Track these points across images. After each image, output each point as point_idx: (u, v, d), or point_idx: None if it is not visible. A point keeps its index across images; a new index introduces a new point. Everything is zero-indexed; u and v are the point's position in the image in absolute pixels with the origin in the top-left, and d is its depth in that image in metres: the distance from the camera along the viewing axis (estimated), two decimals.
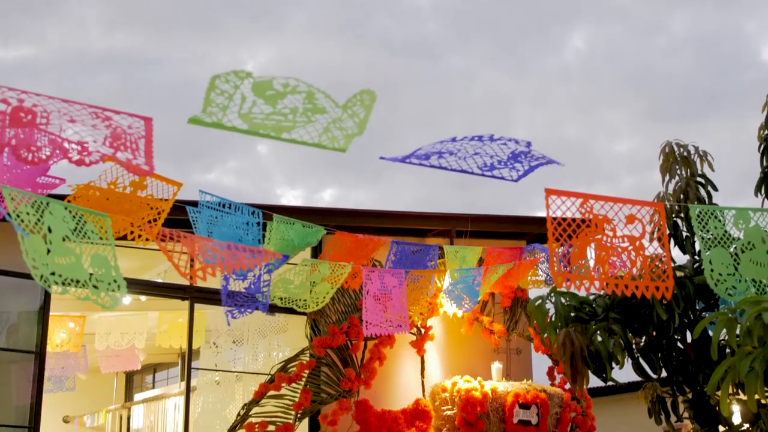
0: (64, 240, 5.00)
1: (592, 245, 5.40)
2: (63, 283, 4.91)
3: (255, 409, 8.89)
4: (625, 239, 5.45)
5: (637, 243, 5.47)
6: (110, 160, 5.13)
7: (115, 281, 5.22)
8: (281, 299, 7.52)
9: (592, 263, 5.43)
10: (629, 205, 5.55)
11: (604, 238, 5.41)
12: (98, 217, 5.24)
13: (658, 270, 5.49)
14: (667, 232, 5.80)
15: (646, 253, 5.51)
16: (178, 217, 6.87)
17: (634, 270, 5.48)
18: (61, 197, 6.15)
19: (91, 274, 5.12)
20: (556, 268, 5.41)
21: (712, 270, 5.47)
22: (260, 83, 4.81)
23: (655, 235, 5.60)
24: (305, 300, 7.57)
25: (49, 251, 4.90)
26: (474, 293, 8.71)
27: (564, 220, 5.36)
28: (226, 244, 6.45)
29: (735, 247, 5.59)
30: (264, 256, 6.69)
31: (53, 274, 4.88)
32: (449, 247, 9.21)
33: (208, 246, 6.26)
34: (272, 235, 7.46)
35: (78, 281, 4.99)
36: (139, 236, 6.34)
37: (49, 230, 4.92)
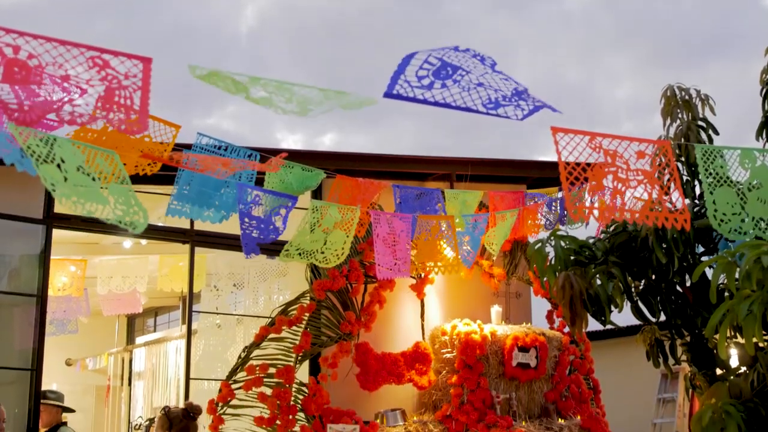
0: (78, 170, 4.98)
1: (609, 177, 5.35)
2: (85, 206, 4.89)
3: (256, 352, 8.95)
4: (640, 172, 5.42)
5: (651, 177, 5.44)
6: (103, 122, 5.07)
7: (136, 208, 5.22)
8: (300, 254, 7.46)
9: (608, 195, 5.40)
10: (636, 143, 5.52)
11: (619, 171, 5.37)
12: (106, 153, 5.22)
13: (673, 204, 5.49)
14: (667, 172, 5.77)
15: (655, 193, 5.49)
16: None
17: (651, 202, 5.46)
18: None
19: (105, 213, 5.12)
20: (571, 200, 5.36)
21: (716, 210, 5.45)
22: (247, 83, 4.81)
23: (665, 173, 5.57)
24: (323, 253, 7.51)
25: (66, 179, 4.87)
26: (476, 240, 8.71)
27: (569, 164, 5.33)
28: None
29: (741, 187, 5.57)
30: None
31: (75, 198, 4.86)
32: (450, 191, 9.19)
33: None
34: (271, 178, 7.44)
35: (100, 206, 4.99)
36: (144, 169, 6.33)
37: (62, 161, 4.90)
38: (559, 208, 9.72)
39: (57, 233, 8.78)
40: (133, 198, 5.19)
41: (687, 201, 6.58)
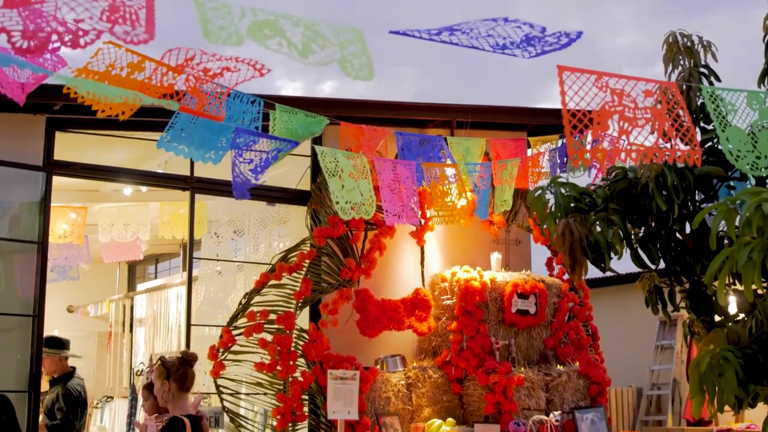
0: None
1: (615, 117, 5.31)
2: (105, 96, 4.89)
3: (256, 298, 8.99)
4: (648, 110, 5.39)
5: (659, 115, 5.40)
6: (108, 37, 5.04)
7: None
8: (352, 207, 7.44)
9: (615, 134, 5.36)
10: (643, 82, 5.48)
11: (626, 110, 5.33)
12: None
13: (686, 139, 5.48)
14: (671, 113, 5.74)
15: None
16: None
17: (661, 141, 5.44)
18: (58, 87, 6.10)
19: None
20: (573, 145, 5.32)
21: (730, 147, 5.44)
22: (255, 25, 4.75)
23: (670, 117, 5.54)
24: (365, 205, 7.51)
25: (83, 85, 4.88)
26: (486, 192, 8.72)
27: (571, 110, 5.29)
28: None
29: (750, 126, 5.56)
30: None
31: (97, 90, 4.86)
32: (452, 138, 9.17)
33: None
34: (276, 124, 7.42)
35: (125, 97, 5.00)
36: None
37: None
38: (559, 155, 9.71)
39: (57, 180, 8.77)
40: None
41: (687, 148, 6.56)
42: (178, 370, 6.15)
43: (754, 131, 5.54)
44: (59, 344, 8.93)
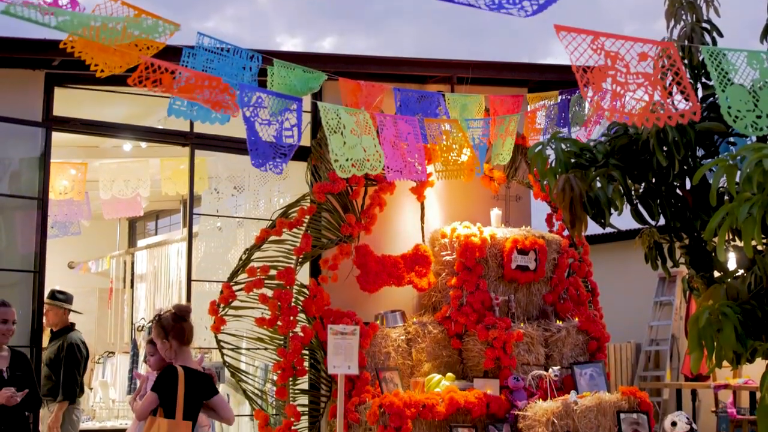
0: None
1: (608, 80, 5.30)
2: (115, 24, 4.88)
3: (257, 254, 9.01)
4: (640, 75, 5.37)
5: (653, 78, 5.38)
6: None
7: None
8: (353, 164, 7.42)
9: (608, 98, 5.35)
10: (640, 44, 5.45)
11: (618, 74, 5.32)
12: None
13: (675, 106, 5.46)
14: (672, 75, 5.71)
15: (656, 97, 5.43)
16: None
17: (653, 103, 5.42)
18: (56, 42, 6.07)
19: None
20: (587, 99, 5.30)
21: (729, 107, 5.42)
22: None
23: (668, 75, 5.52)
24: (369, 161, 7.49)
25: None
26: (483, 147, 8.68)
27: (579, 68, 5.26)
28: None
29: (752, 86, 5.54)
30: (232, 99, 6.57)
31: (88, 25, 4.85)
32: (451, 94, 9.13)
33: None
34: (274, 80, 7.40)
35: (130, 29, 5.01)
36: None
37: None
38: (559, 111, 9.68)
39: (56, 136, 8.76)
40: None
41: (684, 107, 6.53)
42: (174, 327, 6.18)
43: (755, 89, 5.51)
44: (64, 297, 9.02)
